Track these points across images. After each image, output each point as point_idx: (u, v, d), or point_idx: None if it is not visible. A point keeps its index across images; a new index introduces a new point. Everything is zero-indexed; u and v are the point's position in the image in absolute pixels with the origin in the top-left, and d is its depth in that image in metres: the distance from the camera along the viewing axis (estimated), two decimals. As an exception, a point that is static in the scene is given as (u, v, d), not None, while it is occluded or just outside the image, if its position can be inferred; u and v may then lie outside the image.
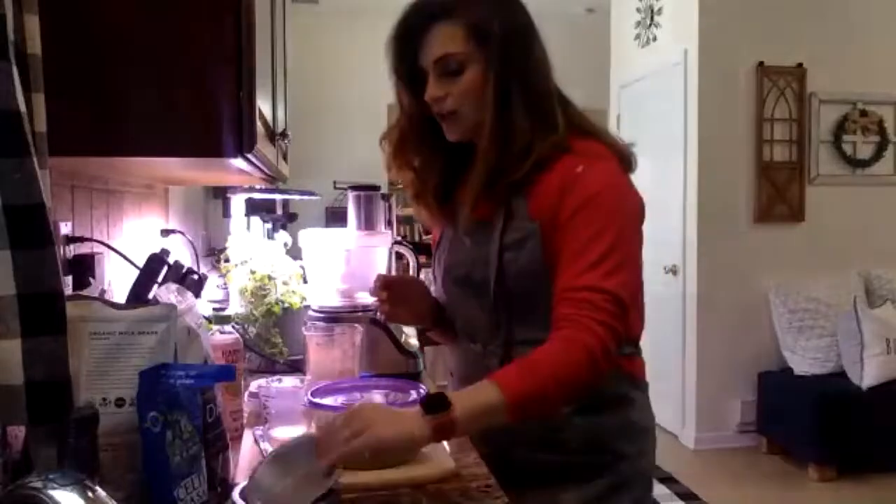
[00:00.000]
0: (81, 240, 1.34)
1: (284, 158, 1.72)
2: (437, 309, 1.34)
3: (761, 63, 4.11)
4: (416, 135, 1.22)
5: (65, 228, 1.27)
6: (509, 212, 1.14)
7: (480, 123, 1.13)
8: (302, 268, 1.80)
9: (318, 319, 1.60)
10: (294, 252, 1.87)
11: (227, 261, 1.85)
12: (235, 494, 0.85)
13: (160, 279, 1.31)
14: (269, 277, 1.76)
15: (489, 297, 1.16)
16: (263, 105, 1.21)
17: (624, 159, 1.16)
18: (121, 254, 1.46)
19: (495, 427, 1.02)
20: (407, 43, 1.15)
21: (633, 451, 1.20)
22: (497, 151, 1.12)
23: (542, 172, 1.12)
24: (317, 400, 1.12)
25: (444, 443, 1.18)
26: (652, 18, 4.54)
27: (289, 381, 1.28)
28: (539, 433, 1.16)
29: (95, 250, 1.42)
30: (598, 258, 1.05)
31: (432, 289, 1.36)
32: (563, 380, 1.00)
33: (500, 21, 1.12)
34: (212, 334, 1.23)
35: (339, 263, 1.68)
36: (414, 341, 1.68)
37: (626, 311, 1.05)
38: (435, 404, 0.95)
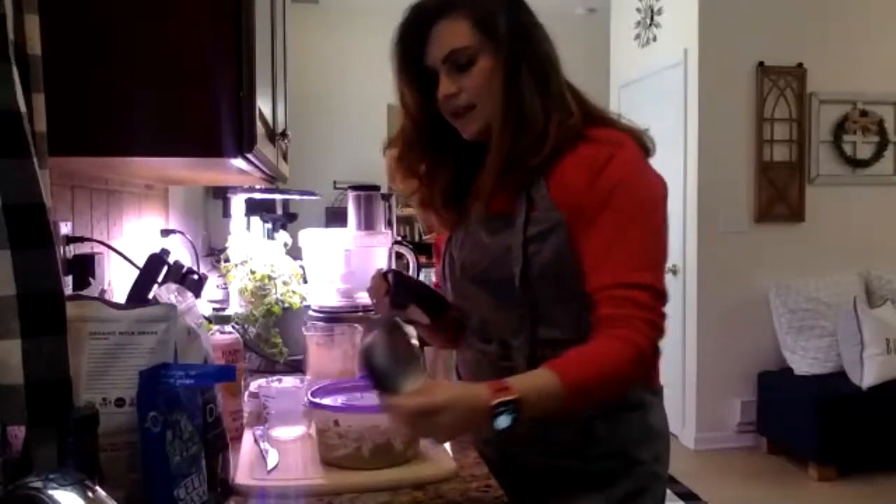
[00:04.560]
0: (81, 240, 1.34)
1: (284, 158, 1.72)
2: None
3: (761, 63, 4.11)
4: (422, 139, 1.20)
5: (65, 228, 1.27)
6: (531, 202, 1.11)
7: (495, 115, 1.11)
8: (302, 268, 1.80)
9: (318, 319, 1.60)
10: (294, 252, 1.87)
11: (227, 261, 1.85)
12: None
13: (160, 279, 1.31)
14: (269, 277, 1.76)
15: (512, 294, 1.12)
16: (263, 105, 1.21)
17: (643, 145, 1.14)
18: (121, 254, 1.46)
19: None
20: (411, 45, 1.14)
21: (650, 456, 1.18)
22: (511, 137, 1.10)
23: (561, 160, 1.10)
24: (317, 400, 1.12)
25: (445, 443, 1.19)
26: (652, 18, 4.53)
27: (289, 381, 1.28)
28: (558, 441, 1.15)
29: (95, 250, 1.41)
30: (634, 252, 1.04)
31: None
32: (617, 375, 1.02)
33: (504, 9, 1.12)
34: (212, 334, 1.23)
35: (339, 263, 1.68)
36: (414, 341, 1.67)
37: (666, 302, 1.05)
38: (504, 409, 0.93)
